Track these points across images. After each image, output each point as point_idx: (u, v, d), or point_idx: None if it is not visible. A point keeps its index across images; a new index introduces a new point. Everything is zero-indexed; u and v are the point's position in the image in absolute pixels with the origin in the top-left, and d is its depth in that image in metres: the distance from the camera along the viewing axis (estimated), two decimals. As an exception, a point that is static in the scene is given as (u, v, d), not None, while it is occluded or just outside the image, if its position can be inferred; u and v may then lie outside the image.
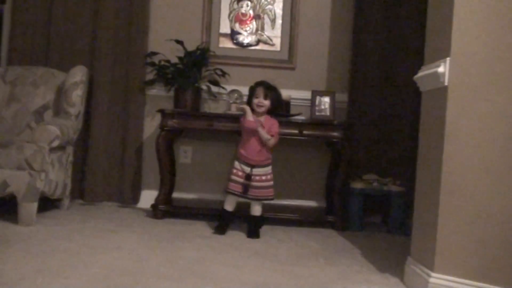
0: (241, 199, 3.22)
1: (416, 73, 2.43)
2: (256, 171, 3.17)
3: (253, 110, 3.19)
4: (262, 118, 3.19)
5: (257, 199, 3.20)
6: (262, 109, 3.18)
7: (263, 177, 3.19)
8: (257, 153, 3.17)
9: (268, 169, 3.23)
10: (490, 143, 2.00)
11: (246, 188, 3.15)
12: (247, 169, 3.17)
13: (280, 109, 3.35)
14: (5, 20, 4.08)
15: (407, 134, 3.78)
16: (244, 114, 3.18)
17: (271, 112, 3.24)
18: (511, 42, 1.97)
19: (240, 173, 3.17)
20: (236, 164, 3.20)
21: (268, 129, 3.17)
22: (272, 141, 3.18)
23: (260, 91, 3.19)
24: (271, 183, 3.23)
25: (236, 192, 3.18)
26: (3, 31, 4.10)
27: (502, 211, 1.98)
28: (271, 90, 3.21)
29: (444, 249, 2.08)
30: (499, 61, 1.99)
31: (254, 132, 3.15)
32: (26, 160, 3.05)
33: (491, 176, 2.00)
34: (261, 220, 3.28)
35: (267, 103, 3.18)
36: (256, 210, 3.24)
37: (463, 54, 2.06)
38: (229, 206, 3.24)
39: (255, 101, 3.18)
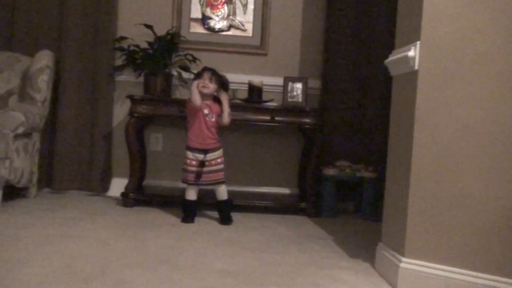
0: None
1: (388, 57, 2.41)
2: (209, 156, 3.14)
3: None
4: (213, 104, 3.16)
5: (209, 184, 3.16)
6: (206, 90, 3.10)
7: (215, 161, 3.16)
8: (208, 137, 3.13)
9: (220, 152, 3.19)
10: (461, 128, 1.99)
11: (198, 175, 3.12)
12: (201, 156, 3.13)
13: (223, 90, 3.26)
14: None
15: (379, 120, 3.78)
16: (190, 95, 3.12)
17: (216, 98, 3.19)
18: (481, 25, 1.96)
19: (194, 162, 3.13)
20: (188, 154, 3.15)
21: (218, 113, 3.16)
22: (228, 113, 3.15)
23: (206, 74, 3.14)
24: (222, 166, 3.18)
25: (190, 182, 3.14)
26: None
27: (472, 197, 1.97)
28: (217, 75, 3.17)
29: (414, 234, 2.08)
30: (469, 44, 1.98)
31: (202, 115, 3.11)
32: (-11, 148, 2.96)
33: (461, 161, 1.99)
34: (230, 203, 3.24)
35: (211, 86, 3.12)
36: (222, 194, 3.20)
37: (433, 37, 2.04)
38: (191, 195, 3.18)
39: (200, 82, 3.12)
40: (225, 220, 3.16)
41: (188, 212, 3.17)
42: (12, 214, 3.02)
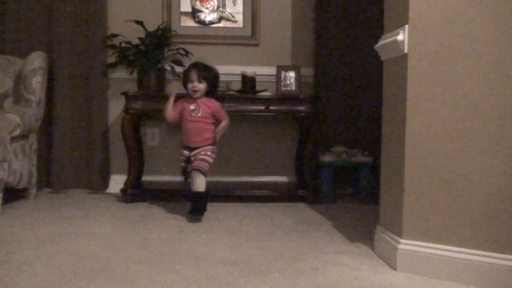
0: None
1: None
2: (194, 152, 3.07)
3: (190, 96, 3.09)
4: (201, 101, 3.07)
5: (194, 169, 3.00)
6: (198, 94, 3.05)
7: (202, 153, 3.04)
8: (193, 134, 3.06)
9: (207, 147, 3.08)
10: (452, 110, 2.02)
11: (186, 172, 3.11)
12: (186, 153, 3.10)
13: (215, 89, 3.19)
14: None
15: (373, 104, 3.80)
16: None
17: (210, 93, 3.12)
18: (469, 7, 1.98)
19: (183, 158, 3.13)
20: (182, 149, 3.15)
21: (211, 112, 3.07)
22: (226, 124, 3.15)
23: (193, 74, 3.03)
24: (208, 158, 3.05)
25: (183, 177, 3.17)
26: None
27: (465, 176, 2.00)
28: (205, 71, 3.06)
29: (411, 215, 2.11)
30: (458, 26, 2.00)
31: (187, 112, 3.06)
32: (-13, 151, 2.98)
33: (454, 142, 2.02)
34: (204, 197, 3.08)
35: (202, 86, 3.04)
36: (198, 185, 3.03)
37: (421, 21, 2.06)
38: (192, 187, 3.09)
39: (189, 86, 3.05)
40: (195, 212, 3.01)
41: (193, 202, 3.09)
42: (13, 215, 3.04)
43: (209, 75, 3.07)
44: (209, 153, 3.07)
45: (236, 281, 1.97)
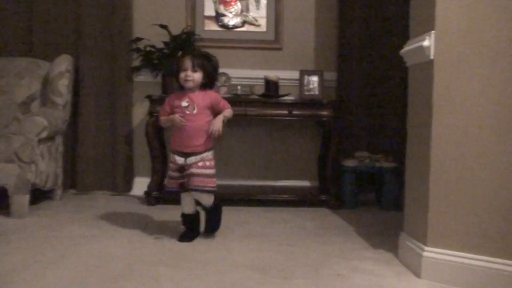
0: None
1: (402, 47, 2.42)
2: (190, 160, 2.55)
3: (182, 88, 2.61)
4: (194, 96, 2.58)
5: (196, 190, 2.57)
6: (190, 84, 2.55)
7: (200, 164, 2.55)
8: (187, 136, 2.56)
9: (206, 155, 2.58)
10: (478, 115, 2.00)
11: (181, 182, 2.61)
12: (180, 160, 2.57)
13: (214, 81, 2.68)
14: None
15: (397, 109, 3.77)
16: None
17: (206, 87, 2.62)
18: (495, 12, 1.96)
19: (174, 166, 2.60)
20: (171, 155, 2.63)
21: (210, 103, 2.59)
22: (229, 114, 2.65)
23: (187, 62, 2.55)
24: (212, 171, 2.59)
25: (173, 189, 2.65)
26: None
27: (492, 183, 1.98)
28: (202, 59, 2.59)
29: (436, 222, 2.09)
30: (484, 32, 1.98)
31: (179, 110, 2.57)
32: (15, 153, 3.04)
33: (480, 148, 2.00)
34: (215, 210, 2.72)
35: (197, 76, 2.55)
36: (206, 200, 2.66)
37: (447, 27, 2.04)
38: (187, 207, 2.70)
39: (181, 75, 2.55)
40: (209, 229, 2.75)
41: (187, 228, 2.71)
42: (40, 216, 3.10)
43: (207, 64, 2.59)
44: (208, 163, 2.58)
45: (258, 287, 1.98)
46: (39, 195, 3.47)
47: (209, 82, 2.62)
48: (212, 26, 4.02)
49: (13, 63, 3.69)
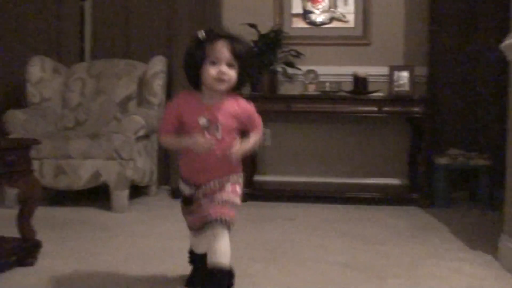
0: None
1: (497, 41, 2.32)
2: (204, 188, 1.76)
3: (196, 87, 1.73)
4: (219, 104, 1.72)
5: (217, 220, 1.67)
6: (225, 86, 1.68)
7: (227, 188, 1.75)
8: (212, 169, 1.74)
9: (237, 178, 1.80)
10: None
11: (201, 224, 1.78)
12: (187, 190, 1.82)
13: (246, 79, 1.76)
14: (86, 16, 4.26)
15: (491, 105, 3.61)
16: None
17: (236, 87, 1.74)
18: None
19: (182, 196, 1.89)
20: (180, 184, 1.87)
21: (241, 118, 1.75)
22: (259, 138, 1.84)
23: (222, 50, 1.65)
24: (236, 199, 1.76)
25: (194, 227, 1.89)
26: (86, 26, 4.28)
27: None
28: (242, 46, 1.69)
29: (541, 225, 2.00)
30: None
31: (196, 128, 1.70)
32: (116, 150, 3.22)
33: None
34: (229, 275, 1.77)
35: (233, 74, 1.67)
36: (221, 252, 1.71)
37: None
38: (198, 246, 1.96)
39: (211, 71, 1.65)
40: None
41: (193, 269, 2.01)
42: (139, 211, 3.27)
43: (248, 53, 1.73)
44: (238, 188, 1.79)
45: (355, 285, 1.98)
46: (135, 191, 3.66)
47: (242, 82, 1.74)
48: (299, 24, 4.05)
49: (111, 64, 3.92)
